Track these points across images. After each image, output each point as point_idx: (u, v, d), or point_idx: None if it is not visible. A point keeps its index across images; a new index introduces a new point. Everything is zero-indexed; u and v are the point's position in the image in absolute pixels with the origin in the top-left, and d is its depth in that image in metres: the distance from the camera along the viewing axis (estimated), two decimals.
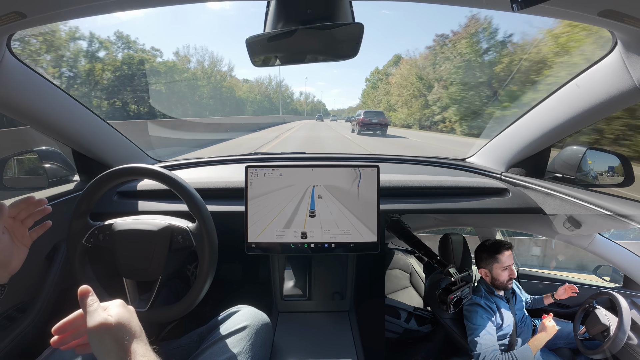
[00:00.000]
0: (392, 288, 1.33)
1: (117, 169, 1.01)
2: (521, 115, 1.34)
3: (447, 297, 1.13)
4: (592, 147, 1.30)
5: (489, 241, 1.30)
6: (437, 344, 1.33)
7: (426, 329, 1.37)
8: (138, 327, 0.65)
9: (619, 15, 0.71)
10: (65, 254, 1.22)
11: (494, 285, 1.31)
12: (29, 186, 1.33)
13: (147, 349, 0.62)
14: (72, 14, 0.82)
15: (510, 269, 1.27)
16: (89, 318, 0.61)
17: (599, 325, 1.12)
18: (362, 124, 18.64)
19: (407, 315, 1.35)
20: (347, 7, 0.80)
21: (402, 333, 1.34)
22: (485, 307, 1.28)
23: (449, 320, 1.30)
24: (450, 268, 1.15)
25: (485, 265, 1.30)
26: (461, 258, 1.30)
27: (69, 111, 1.22)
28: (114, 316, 0.62)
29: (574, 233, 1.14)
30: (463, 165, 1.62)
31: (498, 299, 1.32)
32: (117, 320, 0.62)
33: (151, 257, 0.99)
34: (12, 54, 0.96)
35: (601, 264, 1.20)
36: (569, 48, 8.03)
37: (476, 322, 1.24)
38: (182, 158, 1.73)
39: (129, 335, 0.62)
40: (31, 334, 1.09)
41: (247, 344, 0.95)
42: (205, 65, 49.92)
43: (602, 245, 1.12)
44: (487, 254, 1.29)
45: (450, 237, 1.31)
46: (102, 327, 0.60)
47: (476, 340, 1.21)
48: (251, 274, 1.86)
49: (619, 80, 0.93)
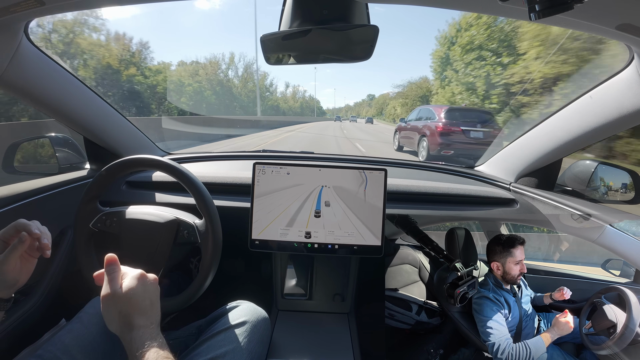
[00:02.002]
0: (402, 282, 1.34)
1: (128, 159, 1.02)
2: (533, 126, 1.33)
3: (454, 292, 1.14)
4: (603, 162, 1.28)
5: (504, 235, 1.31)
6: (446, 335, 1.36)
7: (436, 321, 1.39)
8: (149, 302, 0.67)
9: (636, 30, 0.70)
10: (71, 240, 1.24)
11: (504, 279, 1.32)
12: (40, 171, 1.34)
13: (148, 322, 0.65)
14: (90, 4, 0.83)
15: (522, 264, 1.27)
16: (104, 286, 0.65)
17: (606, 321, 1.11)
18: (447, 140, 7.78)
19: (417, 308, 1.37)
20: (363, 9, 0.80)
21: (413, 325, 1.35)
22: (493, 300, 1.29)
23: (456, 313, 1.32)
24: (457, 263, 1.16)
25: (498, 259, 1.31)
26: (467, 253, 1.31)
27: (83, 99, 1.23)
28: (124, 288, 0.65)
29: (583, 225, 1.12)
30: (472, 174, 1.61)
31: (505, 293, 1.32)
32: (124, 294, 0.64)
33: (155, 248, 0.99)
34: (30, 40, 0.98)
35: (611, 258, 1.18)
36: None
37: (487, 314, 1.26)
38: (191, 151, 1.74)
39: (134, 309, 0.64)
40: (33, 317, 1.10)
41: (245, 339, 0.95)
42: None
43: (613, 238, 1.09)
44: (501, 247, 1.30)
45: (456, 232, 1.31)
46: (110, 298, 0.64)
47: (488, 331, 1.22)
48: (253, 270, 1.86)
49: (634, 95, 0.91)
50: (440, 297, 1.30)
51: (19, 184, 1.15)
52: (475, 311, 1.29)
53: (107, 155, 1.41)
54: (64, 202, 1.21)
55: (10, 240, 0.69)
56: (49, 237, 0.74)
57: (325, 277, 1.50)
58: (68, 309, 1.04)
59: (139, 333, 0.63)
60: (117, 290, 0.65)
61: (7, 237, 0.70)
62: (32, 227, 0.70)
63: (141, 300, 0.66)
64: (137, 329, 0.63)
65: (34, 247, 0.73)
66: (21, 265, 0.71)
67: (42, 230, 0.73)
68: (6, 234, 0.70)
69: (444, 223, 1.32)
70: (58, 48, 18.17)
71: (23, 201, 1.09)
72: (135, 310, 0.64)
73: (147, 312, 0.65)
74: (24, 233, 0.69)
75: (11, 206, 1.05)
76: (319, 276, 1.51)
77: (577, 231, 1.14)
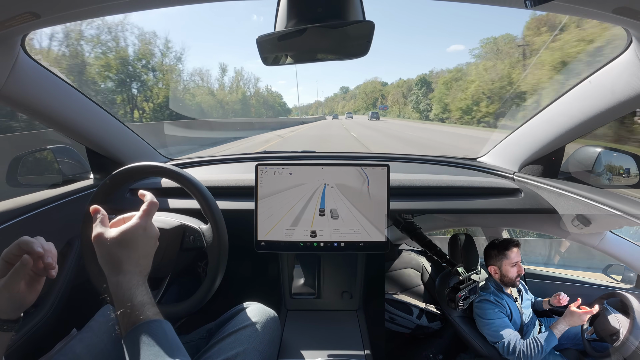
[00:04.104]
0: (405, 286, 1.33)
1: (132, 167, 1.02)
2: (534, 115, 1.32)
3: (455, 295, 1.14)
4: (606, 147, 1.28)
5: (497, 239, 1.30)
6: (446, 340, 1.34)
7: (436, 325, 1.39)
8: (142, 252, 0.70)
9: (633, 13, 0.69)
10: (78, 251, 1.24)
11: (502, 282, 1.31)
12: (44, 183, 1.35)
13: (137, 270, 0.68)
14: (86, 14, 0.84)
15: (519, 266, 1.27)
16: (93, 230, 0.70)
17: (609, 327, 1.10)
18: None
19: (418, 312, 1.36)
20: (358, 5, 0.80)
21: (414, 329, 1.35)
22: (495, 303, 1.28)
23: (457, 317, 1.31)
24: (459, 267, 1.16)
25: (494, 263, 1.30)
26: (468, 257, 1.31)
27: (82, 109, 1.24)
28: (118, 232, 0.69)
29: (584, 231, 1.12)
30: (474, 165, 1.60)
31: (506, 297, 1.32)
32: (115, 236, 0.68)
33: (162, 254, 1.00)
34: (27, 53, 0.98)
35: (612, 263, 1.18)
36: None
37: (490, 317, 1.25)
38: (193, 156, 1.74)
39: (124, 254, 0.67)
40: (44, 329, 1.11)
41: (256, 340, 0.95)
42: None
43: (614, 244, 1.10)
44: (496, 251, 1.30)
45: (459, 238, 1.31)
46: (97, 238, 0.68)
47: (495, 332, 1.22)
48: (260, 271, 1.87)
49: (634, 78, 0.91)
50: (442, 300, 1.30)
51: (23, 197, 1.16)
52: (478, 315, 1.29)
53: (110, 163, 1.41)
54: (70, 213, 1.21)
55: (14, 260, 0.66)
56: (54, 255, 0.70)
57: (333, 275, 1.51)
58: (79, 319, 1.05)
59: (125, 278, 0.65)
60: (104, 232, 0.69)
61: (11, 257, 0.66)
62: (35, 246, 0.67)
63: (133, 247, 0.68)
64: (123, 274, 0.66)
65: (40, 266, 0.69)
66: (27, 286, 0.68)
67: (47, 247, 0.69)
68: (9, 254, 0.67)
69: (447, 229, 1.32)
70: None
71: (29, 214, 1.10)
72: (125, 255, 0.67)
73: (137, 260, 0.68)
74: (25, 256, 0.65)
75: (17, 219, 1.06)
76: (326, 274, 1.51)
77: (579, 237, 1.14)
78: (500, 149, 1.59)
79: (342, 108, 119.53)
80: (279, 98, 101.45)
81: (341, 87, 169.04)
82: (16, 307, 0.68)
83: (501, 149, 1.58)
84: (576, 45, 12.96)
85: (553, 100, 1.22)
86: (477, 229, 1.31)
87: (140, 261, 0.69)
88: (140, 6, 0.85)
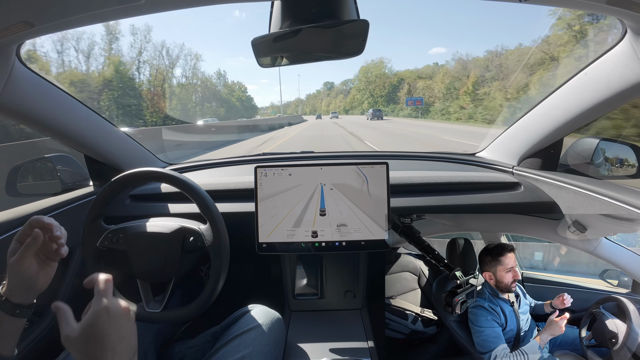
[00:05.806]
0: (401, 290, 1.33)
1: (129, 173, 1.02)
2: (531, 108, 1.32)
3: (453, 300, 1.13)
4: (605, 139, 1.28)
5: (492, 244, 1.30)
6: (442, 345, 1.33)
7: (431, 330, 1.38)
8: (115, 338, 0.59)
9: (627, 3, 0.69)
10: (80, 258, 1.24)
11: (498, 287, 1.30)
12: (43, 192, 1.35)
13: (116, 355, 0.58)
14: (80, 22, 0.84)
15: (514, 271, 1.26)
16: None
17: (606, 331, 1.10)
18: None
19: (413, 317, 1.36)
20: (352, 5, 0.80)
21: (408, 334, 1.34)
22: (489, 310, 1.27)
23: (453, 322, 1.30)
24: (457, 271, 1.16)
25: (489, 268, 1.29)
26: (466, 261, 1.30)
27: (79, 117, 1.24)
28: (80, 329, 0.59)
29: (580, 237, 1.12)
30: (473, 160, 1.61)
31: (502, 302, 1.31)
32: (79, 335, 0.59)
33: (164, 259, 1.00)
34: (22, 63, 0.98)
35: (608, 268, 1.18)
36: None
37: (482, 324, 1.24)
38: (192, 160, 1.74)
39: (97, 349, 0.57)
40: (47, 337, 1.11)
41: (261, 343, 0.96)
42: None
43: (609, 249, 1.10)
44: (490, 256, 1.29)
45: (457, 242, 1.31)
46: (65, 341, 0.59)
47: (484, 341, 1.21)
48: (263, 273, 1.87)
49: (629, 69, 0.91)
50: (438, 305, 1.30)
51: (23, 207, 1.15)
52: (471, 321, 1.28)
53: (109, 170, 1.41)
54: (70, 221, 1.21)
55: (26, 239, 0.68)
56: (64, 233, 0.73)
57: (335, 275, 1.51)
58: None
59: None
60: (70, 333, 0.59)
61: (23, 238, 0.69)
62: (45, 219, 0.69)
63: (104, 338, 0.58)
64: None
65: (52, 248, 0.71)
66: (38, 267, 0.70)
67: (55, 223, 0.72)
68: (22, 234, 0.69)
69: (446, 232, 1.32)
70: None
71: None
72: (97, 350, 0.57)
73: (114, 348, 0.58)
74: (37, 230, 0.67)
75: (17, 230, 1.06)
76: (328, 274, 1.51)
77: (575, 243, 1.15)
78: (499, 143, 1.59)
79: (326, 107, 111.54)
80: (240, 90, 79.28)
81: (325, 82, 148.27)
82: (29, 289, 0.70)
83: (499, 144, 1.58)
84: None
85: (550, 93, 1.22)
86: (475, 233, 1.31)
87: (118, 347, 0.59)
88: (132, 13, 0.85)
